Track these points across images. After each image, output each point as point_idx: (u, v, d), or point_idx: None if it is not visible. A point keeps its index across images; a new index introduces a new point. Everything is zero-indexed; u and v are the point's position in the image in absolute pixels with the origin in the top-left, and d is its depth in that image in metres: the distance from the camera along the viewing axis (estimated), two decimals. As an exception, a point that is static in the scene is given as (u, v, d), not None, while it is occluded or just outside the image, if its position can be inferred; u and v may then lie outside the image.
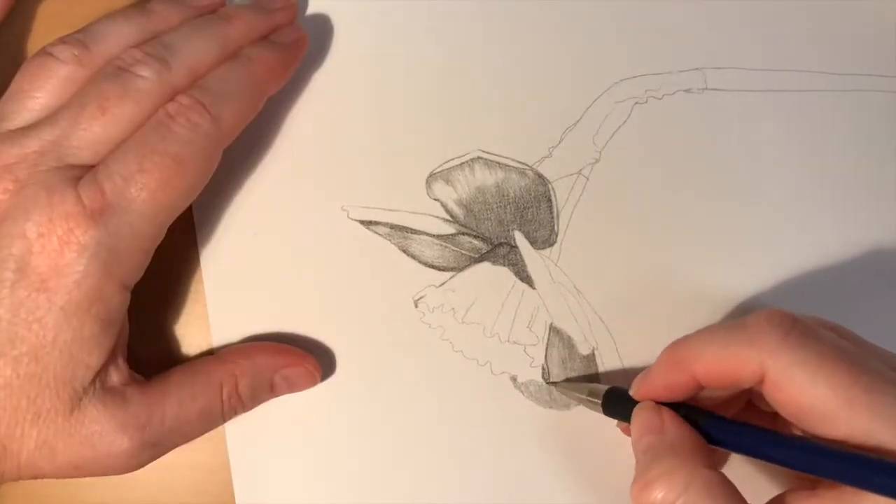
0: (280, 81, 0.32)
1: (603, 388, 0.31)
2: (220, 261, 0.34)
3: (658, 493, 0.25)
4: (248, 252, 0.34)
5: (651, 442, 0.27)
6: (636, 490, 0.26)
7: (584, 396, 0.32)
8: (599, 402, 0.31)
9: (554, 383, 0.33)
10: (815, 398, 0.24)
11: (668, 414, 0.27)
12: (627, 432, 0.32)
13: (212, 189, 0.32)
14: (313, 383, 0.33)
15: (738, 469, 0.31)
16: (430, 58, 0.35)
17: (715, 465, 0.26)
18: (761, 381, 0.26)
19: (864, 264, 0.34)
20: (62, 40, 0.29)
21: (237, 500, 0.33)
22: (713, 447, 0.27)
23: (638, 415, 0.28)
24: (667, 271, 0.34)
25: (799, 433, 0.26)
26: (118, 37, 0.30)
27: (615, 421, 0.32)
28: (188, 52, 0.29)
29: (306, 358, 0.32)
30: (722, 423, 0.27)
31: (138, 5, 0.31)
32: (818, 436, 0.25)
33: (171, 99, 0.28)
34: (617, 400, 0.31)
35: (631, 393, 0.29)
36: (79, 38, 0.29)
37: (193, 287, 0.34)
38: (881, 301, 0.34)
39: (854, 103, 0.35)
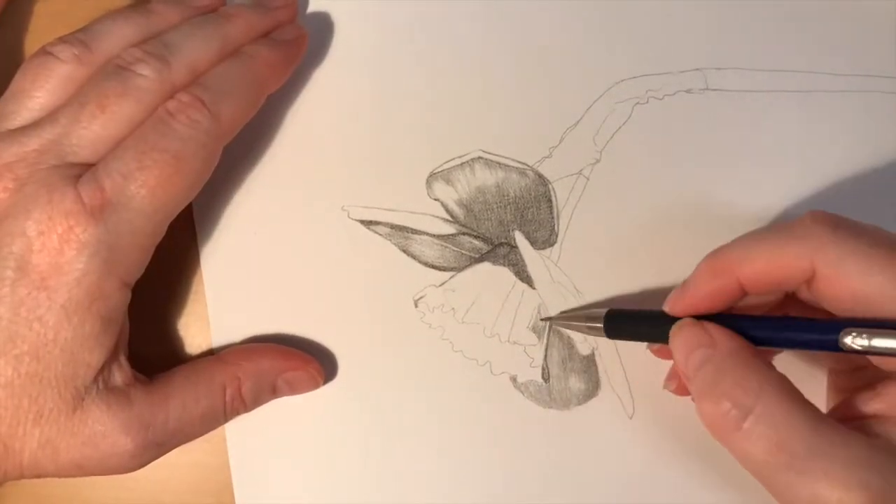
0: (280, 79, 0.32)
1: (601, 311, 0.31)
2: (220, 260, 0.34)
3: (733, 404, 0.24)
4: (248, 251, 0.34)
5: (706, 355, 0.26)
6: (709, 406, 0.25)
7: (582, 325, 0.31)
8: (601, 325, 0.30)
9: (549, 319, 0.33)
10: (870, 286, 0.24)
11: (712, 325, 0.26)
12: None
13: (212, 188, 0.32)
14: (316, 387, 0.33)
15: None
16: (430, 57, 0.35)
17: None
18: (810, 279, 0.25)
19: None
20: (62, 39, 0.29)
21: (237, 500, 0.33)
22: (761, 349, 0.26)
23: (680, 332, 0.27)
24: (666, 272, 0.34)
25: None
26: (118, 36, 0.30)
27: (614, 421, 0.32)
28: (188, 51, 0.29)
29: (310, 361, 0.32)
30: (764, 321, 0.26)
31: (138, 5, 0.31)
32: None
33: (171, 97, 0.28)
34: (620, 320, 0.30)
35: (666, 309, 0.28)
36: (79, 37, 0.29)
37: (193, 286, 0.34)
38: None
39: (854, 104, 0.35)
